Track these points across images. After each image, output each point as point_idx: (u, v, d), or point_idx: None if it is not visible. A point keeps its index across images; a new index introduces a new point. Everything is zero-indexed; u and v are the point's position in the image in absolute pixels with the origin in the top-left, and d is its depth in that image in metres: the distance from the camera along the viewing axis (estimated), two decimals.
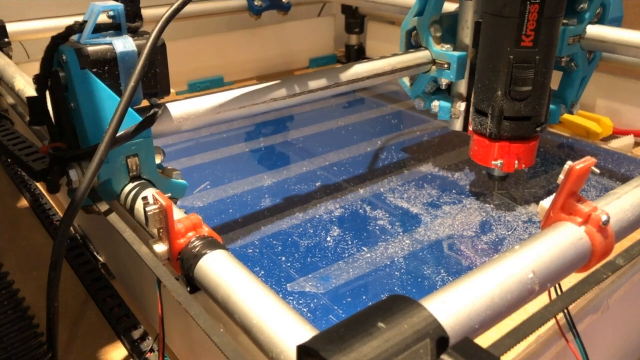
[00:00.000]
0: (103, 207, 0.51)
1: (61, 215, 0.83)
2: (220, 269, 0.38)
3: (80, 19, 0.50)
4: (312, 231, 0.71)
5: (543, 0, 0.60)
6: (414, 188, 0.81)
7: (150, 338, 0.58)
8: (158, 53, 0.52)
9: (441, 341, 0.27)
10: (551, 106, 0.74)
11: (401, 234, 0.70)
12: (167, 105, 0.55)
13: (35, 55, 1.16)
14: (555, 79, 0.75)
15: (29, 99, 0.52)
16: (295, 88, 0.65)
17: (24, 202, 0.87)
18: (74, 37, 0.50)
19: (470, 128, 0.74)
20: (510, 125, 0.67)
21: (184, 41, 1.26)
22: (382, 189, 0.81)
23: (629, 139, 0.97)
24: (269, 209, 0.76)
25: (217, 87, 1.32)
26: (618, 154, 0.91)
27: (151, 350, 0.57)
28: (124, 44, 0.50)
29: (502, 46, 0.63)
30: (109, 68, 0.50)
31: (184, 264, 0.40)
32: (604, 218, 0.37)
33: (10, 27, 0.98)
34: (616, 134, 1.01)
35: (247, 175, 0.86)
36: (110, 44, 0.50)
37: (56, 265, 0.44)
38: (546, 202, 0.39)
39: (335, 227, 0.72)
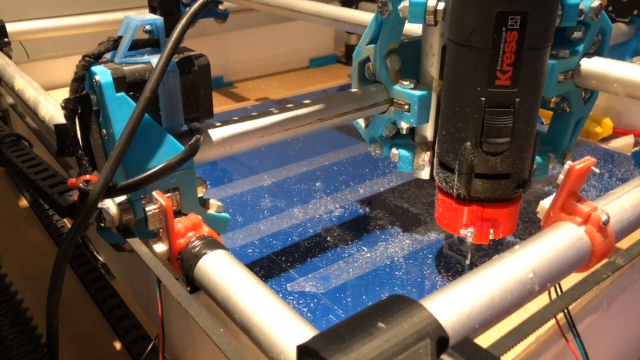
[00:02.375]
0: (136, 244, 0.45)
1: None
2: (220, 269, 0.38)
3: (80, 19, 0.47)
4: (312, 231, 0.71)
5: (523, 25, 0.44)
6: (414, 188, 0.81)
7: (150, 338, 0.59)
8: (202, 72, 0.47)
9: (441, 341, 0.27)
10: (537, 157, 0.59)
11: (401, 234, 0.70)
12: (208, 130, 0.50)
13: (36, 55, 1.17)
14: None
15: (57, 127, 0.45)
16: (331, 110, 0.58)
17: (24, 202, 0.87)
18: (107, 56, 0.45)
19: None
20: (483, 185, 0.51)
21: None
22: (382, 189, 0.81)
23: (629, 139, 0.97)
24: (269, 209, 0.76)
25: (216, 87, 1.32)
26: (618, 154, 0.91)
27: (151, 350, 0.57)
28: None
29: (471, 85, 0.48)
30: None
31: (184, 264, 0.40)
32: (604, 218, 0.37)
33: (10, 27, 0.98)
34: (616, 134, 1.01)
35: (247, 175, 0.86)
36: (149, 62, 0.44)
37: (55, 290, 0.42)
38: (546, 202, 0.39)
39: (335, 227, 0.72)
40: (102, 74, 0.42)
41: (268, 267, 0.64)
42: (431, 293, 0.32)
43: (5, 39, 0.96)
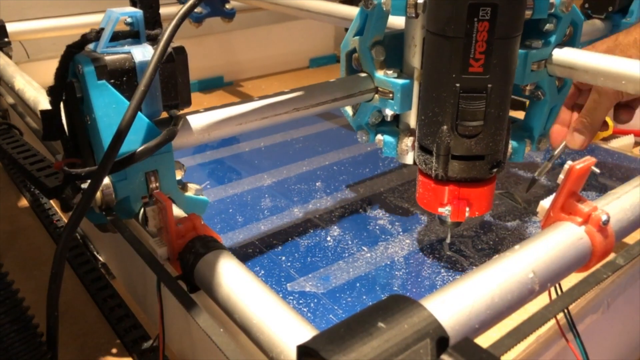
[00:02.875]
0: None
1: (61, 215, 0.83)
2: (220, 269, 0.38)
3: (80, 19, 0.49)
4: (312, 231, 0.71)
5: (494, 16, 0.48)
6: (414, 188, 0.81)
7: (150, 338, 0.59)
8: (179, 62, 0.49)
9: (441, 341, 0.27)
10: (513, 142, 0.63)
11: (401, 234, 0.70)
12: (187, 117, 0.52)
13: (36, 55, 1.17)
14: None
15: (43, 112, 0.49)
16: (318, 97, 0.60)
17: (24, 202, 0.87)
18: (90, 46, 0.47)
19: None
20: (459, 166, 0.54)
21: (183, 41, 1.26)
22: (382, 189, 0.81)
23: (629, 139, 0.97)
24: (269, 209, 0.76)
25: (217, 87, 1.32)
26: (618, 154, 0.91)
27: (151, 350, 0.57)
28: (143, 52, 0.47)
29: (446, 72, 0.51)
30: (128, 79, 0.47)
31: (184, 264, 0.40)
32: (604, 218, 0.37)
33: (10, 27, 0.98)
34: (616, 134, 1.01)
35: (247, 175, 0.86)
36: (129, 52, 0.46)
37: (56, 277, 0.43)
38: (546, 202, 0.40)
39: (335, 227, 0.72)
40: (84, 62, 0.44)
41: (268, 267, 0.64)
42: (431, 293, 0.32)
43: (5, 39, 0.96)
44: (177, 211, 0.46)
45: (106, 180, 0.47)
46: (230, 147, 0.96)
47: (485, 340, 0.30)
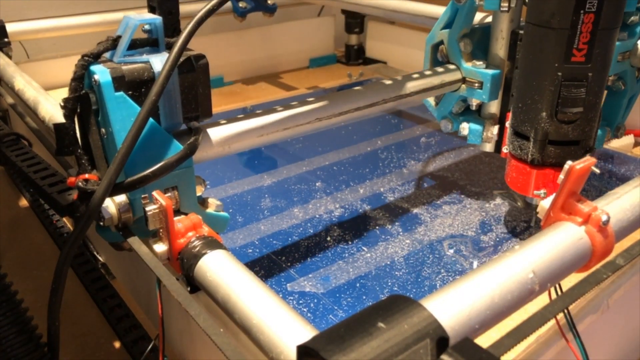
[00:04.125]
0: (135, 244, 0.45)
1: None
2: (220, 269, 0.38)
3: (80, 19, 0.47)
4: (312, 231, 0.71)
5: (599, 8, 0.51)
6: (414, 188, 0.81)
7: (150, 338, 0.59)
8: (200, 71, 0.47)
9: (441, 341, 0.27)
10: None
11: (401, 234, 0.70)
12: (207, 129, 0.51)
13: (36, 55, 1.17)
14: None
15: (57, 126, 0.45)
16: (340, 107, 0.59)
17: (24, 202, 0.87)
18: (107, 55, 0.45)
19: (504, 150, 0.66)
20: (555, 151, 0.58)
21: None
22: (382, 189, 0.81)
23: (629, 139, 0.97)
24: (269, 209, 0.76)
25: (216, 87, 1.32)
26: (618, 154, 0.91)
27: (151, 350, 0.57)
28: (162, 61, 0.43)
29: (549, 61, 0.55)
30: (146, 90, 0.43)
31: (184, 264, 0.40)
32: (604, 218, 0.37)
33: (10, 27, 0.98)
34: None
35: (247, 175, 0.86)
36: (148, 62, 0.44)
37: (57, 291, 0.42)
38: (546, 202, 0.39)
39: (335, 227, 0.72)
40: (101, 73, 0.42)
41: (268, 267, 0.64)
42: (431, 293, 0.32)
43: (5, 39, 0.96)
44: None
45: (123, 198, 0.45)
46: None
47: (485, 340, 0.30)
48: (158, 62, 0.44)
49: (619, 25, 0.55)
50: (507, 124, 0.63)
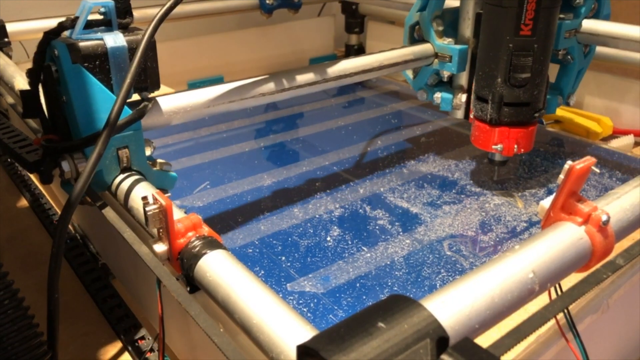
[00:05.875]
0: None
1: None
2: (220, 269, 0.38)
3: None
4: (312, 231, 0.71)
5: None
6: (414, 188, 0.81)
7: (150, 338, 0.58)
8: (149, 49, 0.53)
9: (441, 341, 0.27)
10: (548, 97, 0.78)
11: (401, 234, 0.70)
12: (158, 99, 0.57)
13: None
14: (553, 72, 0.79)
15: (22, 92, 0.54)
16: (284, 83, 0.68)
17: (24, 202, 0.87)
18: (66, 33, 0.52)
19: (471, 115, 0.77)
20: (509, 111, 0.70)
21: (184, 41, 1.26)
22: (382, 189, 0.81)
23: (629, 139, 0.97)
24: (269, 209, 0.76)
25: None
26: (618, 154, 0.91)
27: (151, 350, 0.57)
28: (114, 39, 0.52)
29: (502, 35, 0.67)
30: (100, 63, 0.51)
31: (184, 264, 0.40)
32: (604, 218, 0.37)
33: (10, 27, 0.97)
34: (616, 134, 1.01)
35: (247, 175, 0.86)
36: (101, 39, 0.51)
37: (57, 257, 0.45)
38: (546, 202, 0.39)
39: (335, 227, 0.72)
40: (60, 47, 0.50)
41: (268, 267, 0.64)
42: (431, 293, 0.32)
43: (5, 39, 0.96)
44: (177, 211, 0.46)
45: (80, 155, 0.53)
46: (230, 148, 0.96)
47: (485, 340, 0.30)
48: (110, 39, 0.52)
49: (559, 5, 0.67)
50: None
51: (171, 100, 0.58)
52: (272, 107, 1.16)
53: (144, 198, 0.43)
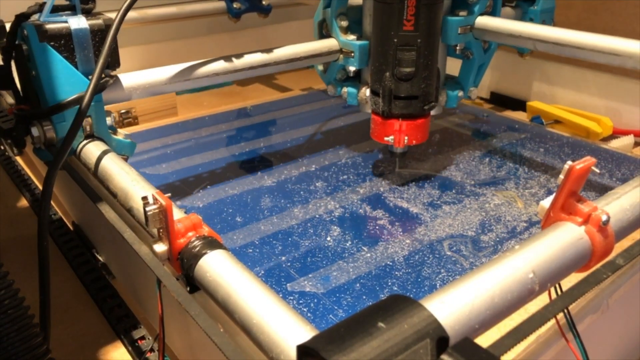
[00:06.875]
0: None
1: (61, 215, 0.83)
2: (220, 269, 0.38)
3: None
4: (312, 231, 0.71)
5: None
6: (414, 188, 0.81)
7: (150, 338, 0.59)
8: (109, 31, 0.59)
9: (441, 341, 0.27)
10: (449, 91, 0.81)
11: (401, 234, 0.70)
12: (119, 76, 0.63)
13: None
14: (456, 67, 0.84)
15: None
16: (235, 64, 0.75)
17: (24, 202, 0.87)
18: (35, 16, 0.60)
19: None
20: (399, 104, 0.73)
21: (184, 42, 1.26)
22: (382, 189, 0.81)
23: (629, 139, 0.97)
24: (269, 209, 0.76)
25: (217, 87, 1.32)
26: (618, 154, 0.91)
27: (151, 350, 0.57)
28: (78, 22, 0.60)
29: (388, 31, 0.69)
30: (65, 42, 0.59)
31: (184, 264, 0.40)
32: (604, 218, 0.37)
33: None
34: (616, 134, 1.01)
35: (247, 175, 0.86)
36: (66, 22, 0.59)
37: (42, 234, 0.49)
38: (546, 202, 0.39)
39: (335, 227, 0.72)
40: (29, 28, 0.58)
41: (268, 267, 0.64)
42: (431, 293, 0.32)
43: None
44: (177, 211, 0.46)
45: (48, 123, 0.60)
46: (230, 148, 0.96)
47: (485, 340, 0.30)
48: (74, 22, 0.60)
49: (441, 1, 0.69)
50: None
51: (132, 78, 0.64)
52: (272, 107, 1.16)
53: (144, 198, 0.43)
